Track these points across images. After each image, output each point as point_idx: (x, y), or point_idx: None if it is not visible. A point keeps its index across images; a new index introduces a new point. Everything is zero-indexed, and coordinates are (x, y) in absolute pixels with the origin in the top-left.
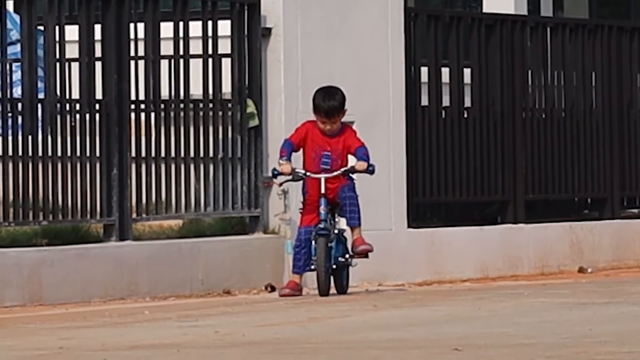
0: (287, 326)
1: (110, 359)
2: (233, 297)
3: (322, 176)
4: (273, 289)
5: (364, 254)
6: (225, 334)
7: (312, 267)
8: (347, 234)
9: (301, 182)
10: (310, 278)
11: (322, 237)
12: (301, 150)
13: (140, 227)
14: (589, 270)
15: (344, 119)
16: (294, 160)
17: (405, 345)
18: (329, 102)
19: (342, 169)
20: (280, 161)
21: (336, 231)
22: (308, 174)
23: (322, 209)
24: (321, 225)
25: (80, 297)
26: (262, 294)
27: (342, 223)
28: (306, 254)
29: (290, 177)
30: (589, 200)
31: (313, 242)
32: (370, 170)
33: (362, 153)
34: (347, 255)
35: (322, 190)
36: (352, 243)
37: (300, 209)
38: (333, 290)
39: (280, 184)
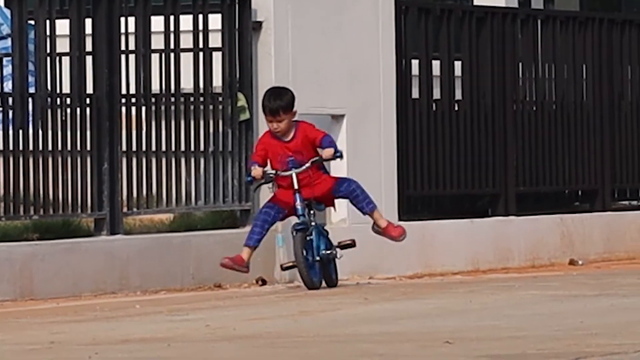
0: (278, 320)
1: (102, 353)
2: (224, 290)
3: (293, 172)
4: (264, 282)
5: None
6: (217, 327)
7: (282, 265)
8: (335, 227)
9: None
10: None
11: (300, 231)
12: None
13: (131, 221)
14: (580, 262)
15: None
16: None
17: (397, 339)
18: (274, 101)
19: (310, 160)
20: (252, 167)
21: (313, 223)
22: (278, 172)
23: (298, 205)
24: (298, 221)
25: (71, 292)
26: (253, 288)
27: (338, 216)
28: (260, 227)
29: (262, 181)
30: (580, 192)
31: (292, 238)
32: (337, 155)
33: (327, 141)
34: (331, 249)
35: (296, 186)
36: (383, 230)
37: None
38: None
39: (255, 189)
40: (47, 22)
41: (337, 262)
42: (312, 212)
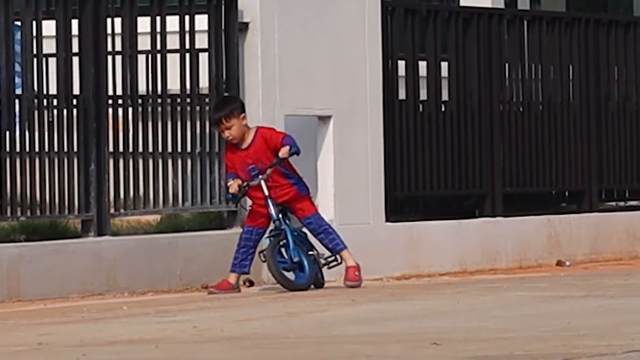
0: (266, 321)
1: (89, 354)
2: None
3: (260, 179)
4: (251, 283)
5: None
6: (204, 329)
7: (284, 267)
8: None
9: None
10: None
11: (273, 237)
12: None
13: (118, 223)
14: (567, 263)
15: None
16: None
17: (384, 340)
18: (215, 113)
19: (271, 164)
20: (229, 182)
21: (284, 227)
22: (249, 183)
23: (272, 211)
24: (271, 227)
25: (59, 293)
26: (240, 289)
27: (325, 217)
28: (244, 253)
29: (240, 195)
30: (567, 193)
31: (267, 243)
32: (294, 151)
33: (286, 141)
34: (311, 250)
35: (266, 193)
36: (345, 273)
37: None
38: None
39: (236, 205)
40: (34, 23)
41: (320, 263)
42: (287, 215)
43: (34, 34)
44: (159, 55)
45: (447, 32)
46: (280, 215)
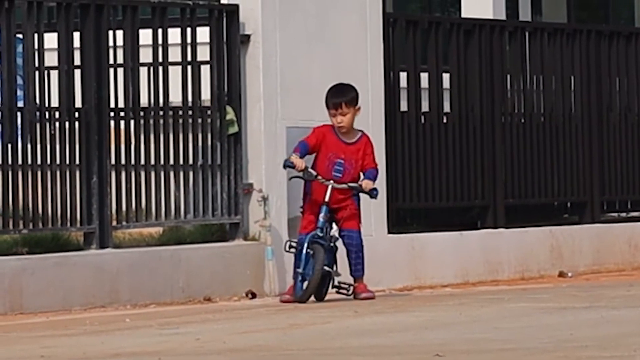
0: (268, 333)
1: None
2: (214, 304)
3: (330, 184)
4: (254, 295)
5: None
6: (207, 341)
7: (298, 270)
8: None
9: (303, 184)
10: (282, 284)
11: (319, 245)
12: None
13: (120, 235)
14: (569, 274)
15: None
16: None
17: (387, 352)
18: (338, 95)
19: (350, 184)
20: (294, 154)
21: (331, 242)
22: (319, 177)
23: (322, 217)
24: (319, 233)
25: (61, 306)
26: (243, 301)
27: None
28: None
29: (300, 174)
30: (569, 204)
31: (305, 248)
32: (373, 194)
33: (372, 174)
34: (331, 266)
35: (326, 199)
36: (354, 288)
37: (301, 210)
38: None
39: (290, 178)
40: (36, 35)
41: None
42: (332, 227)
43: (36, 46)
44: (160, 68)
45: (448, 43)
46: (326, 225)
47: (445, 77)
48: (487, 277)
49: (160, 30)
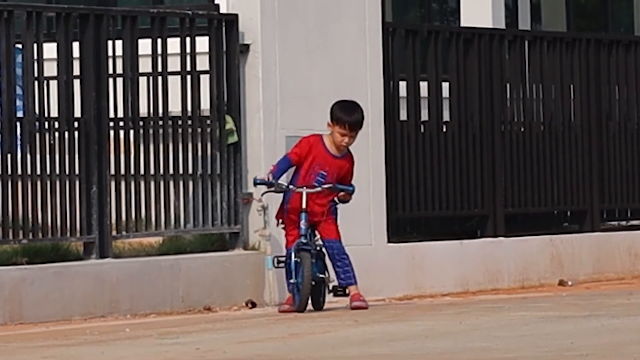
0: (268, 342)
1: None
2: (214, 313)
3: (304, 190)
4: (254, 305)
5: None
6: (207, 350)
7: (291, 281)
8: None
9: (283, 196)
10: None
11: (305, 252)
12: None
13: (120, 245)
14: (570, 283)
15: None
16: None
17: None
18: (354, 114)
19: (325, 186)
20: (270, 170)
21: (317, 248)
22: (291, 187)
23: (302, 224)
24: (303, 240)
25: (61, 315)
26: (242, 310)
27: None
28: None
29: (272, 189)
30: (569, 213)
31: (292, 257)
32: (345, 201)
33: (351, 189)
34: (324, 273)
35: (303, 205)
36: (350, 297)
37: (282, 226)
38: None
39: (263, 194)
40: (35, 45)
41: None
42: (315, 234)
43: (35, 56)
44: (160, 78)
45: (448, 52)
46: (308, 232)
47: (445, 86)
48: (487, 286)
49: (159, 40)
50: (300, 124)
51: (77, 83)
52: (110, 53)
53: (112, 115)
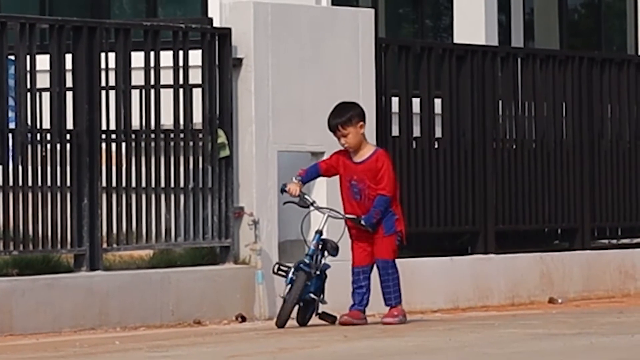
0: (258, 357)
1: None
2: (204, 327)
3: (326, 215)
4: (244, 319)
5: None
6: None
7: (281, 295)
8: (333, 270)
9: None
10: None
11: (303, 272)
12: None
13: (110, 257)
14: (560, 300)
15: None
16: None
17: None
18: (335, 117)
19: (348, 216)
20: (293, 179)
21: (319, 270)
22: (315, 204)
23: (313, 244)
24: (306, 260)
25: (51, 327)
26: (232, 325)
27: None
28: (363, 287)
29: (296, 200)
30: (560, 230)
31: (291, 273)
32: (369, 230)
33: (378, 204)
34: (317, 293)
35: (320, 227)
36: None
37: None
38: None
39: (284, 203)
40: (28, 57)
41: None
42: (324, 255)
43: (28, 68)
44: (152, 90)
45: (441, 69)
46: (317, 252)
47: (437, 102)
48: (477, 302)
49: (152, 53)
50: (293, 139)
51: (69, 95)
52: (103, 65)
53: (104, 127)
